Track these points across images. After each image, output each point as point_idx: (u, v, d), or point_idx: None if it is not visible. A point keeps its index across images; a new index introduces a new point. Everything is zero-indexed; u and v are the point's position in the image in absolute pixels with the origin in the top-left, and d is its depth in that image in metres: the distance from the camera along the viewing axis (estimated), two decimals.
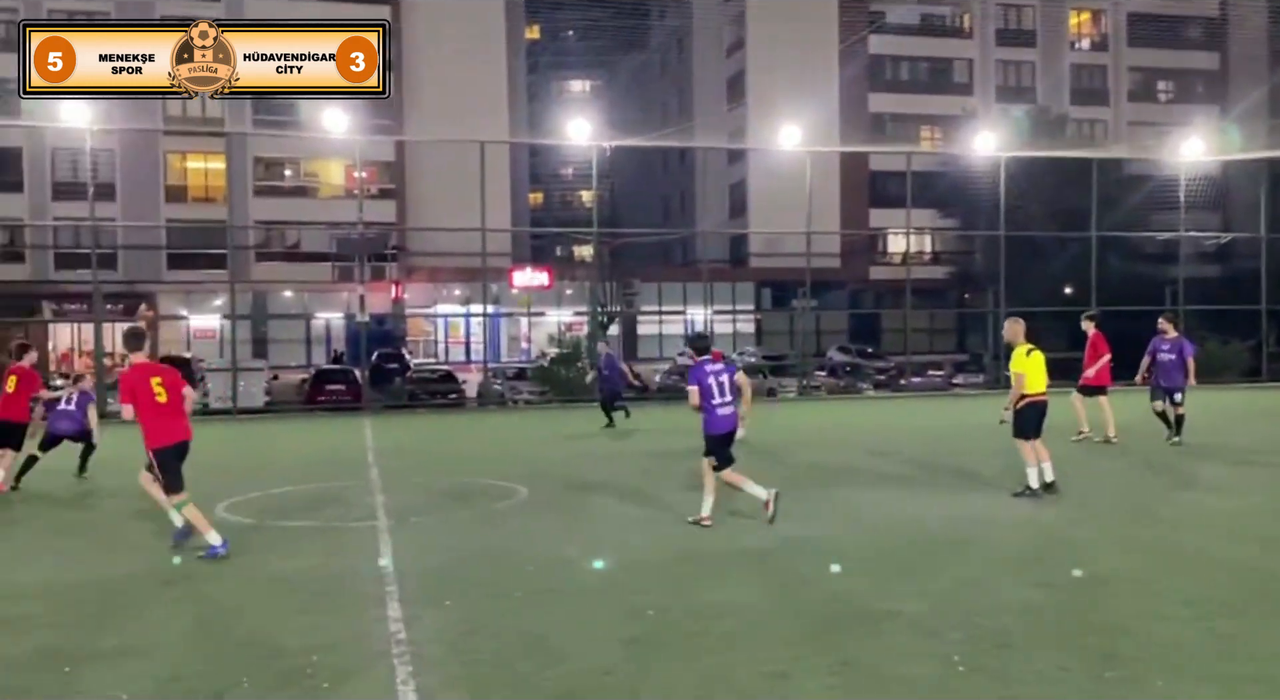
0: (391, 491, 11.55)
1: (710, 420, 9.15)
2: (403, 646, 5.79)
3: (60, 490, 12.14)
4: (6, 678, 5.34)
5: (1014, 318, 10.86)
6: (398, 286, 41.88)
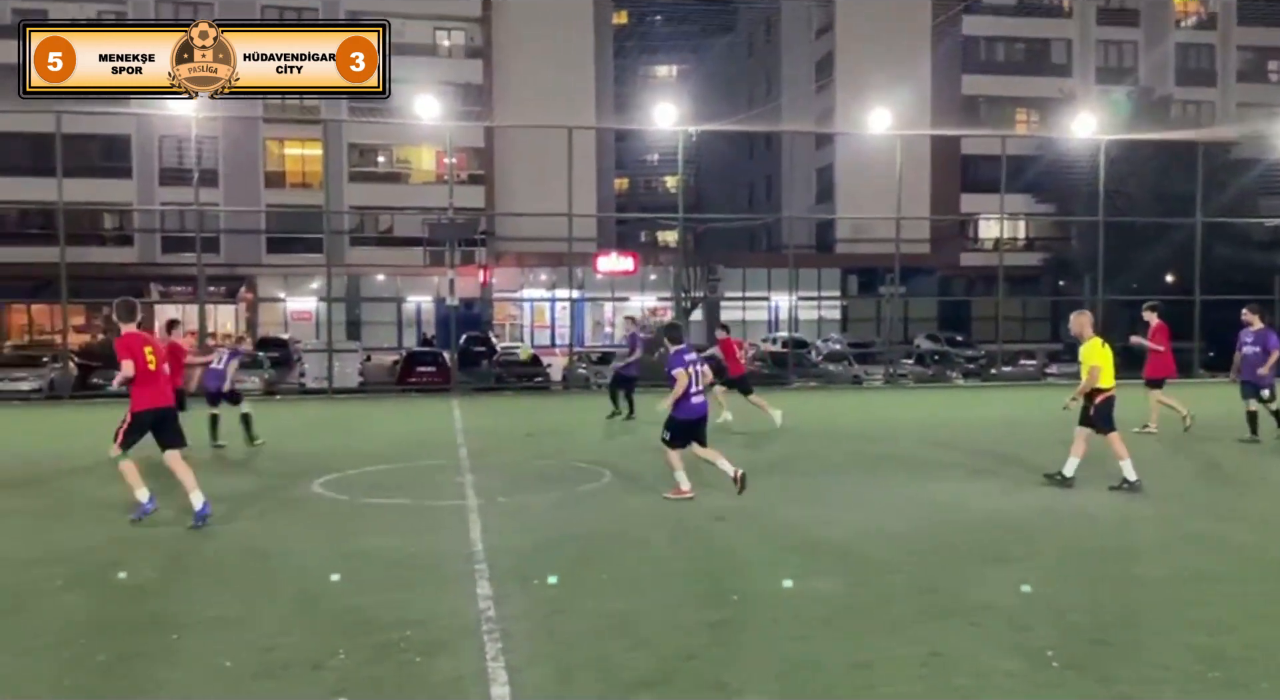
0: (479, 472, 11.77)
1: (685, 405, 9.74)
2: (492, 623, 5.91)
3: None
4: (121, 641, 5.61)
5: (1081, 310, 10.65)
6: (485, 271, 42.48)
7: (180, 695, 4.85)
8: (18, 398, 23.96)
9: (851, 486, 10.70)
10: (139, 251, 42.01)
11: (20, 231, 40.72)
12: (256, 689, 4.93)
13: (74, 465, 12.53)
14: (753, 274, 46.34)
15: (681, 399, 9.70)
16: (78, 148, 32.58)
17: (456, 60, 45.66)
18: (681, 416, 9.78)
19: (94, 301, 37.77)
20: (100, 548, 7.98)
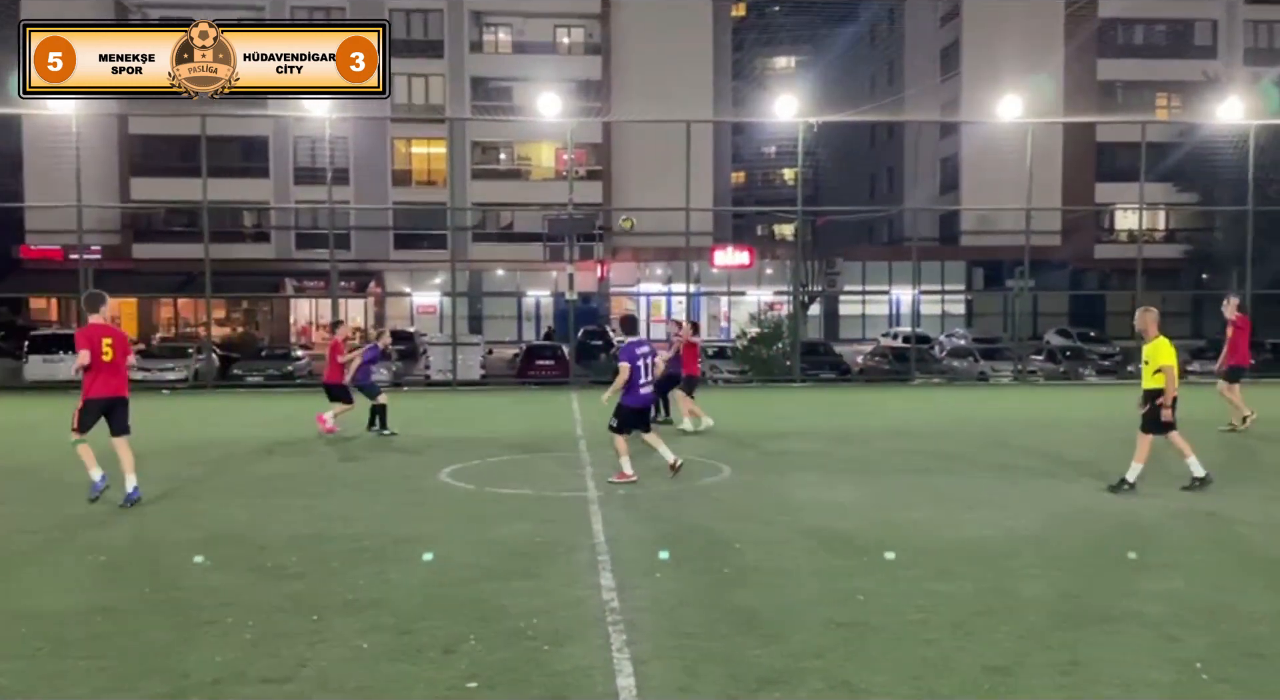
0: (600, 464, 11.86)
1: (633, 395, 10.25)
2: (616, 615, 5.95)
3: (322, 448, 13.23)
4: (266, 620, 5.87)
5: (1147, 306, 10.13)
6: (603, 266, 42.88)
7: (319, 674, 5.03)
8: (165, 386, 25.34)
9: (979, 487, 10.38)
10: (275, 248, 43.93)
11: (167, 229, 43.14)
12: (392, 671, 5.08)
13: (216, 451, 13.19)
14: (873, 267, 45.50)
15: (630, 389, 10.17)
16: (220, 149, 34.28)
17: (576, 57, 46.21)
18: (630, 404, 10.30)
19: (235, 296, 39.73)
20: (243, 531, 8.38)
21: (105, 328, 9.52)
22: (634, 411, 10.40)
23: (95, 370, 9.24)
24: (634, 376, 10.17)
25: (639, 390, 10.28)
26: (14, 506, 9.53)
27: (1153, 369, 9.61)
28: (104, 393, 9.35)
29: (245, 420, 17.40)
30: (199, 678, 4.96)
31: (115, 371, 9.38)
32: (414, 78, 44.37)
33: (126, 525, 8.62)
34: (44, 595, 6.45)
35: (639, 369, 10.18)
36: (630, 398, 10.29)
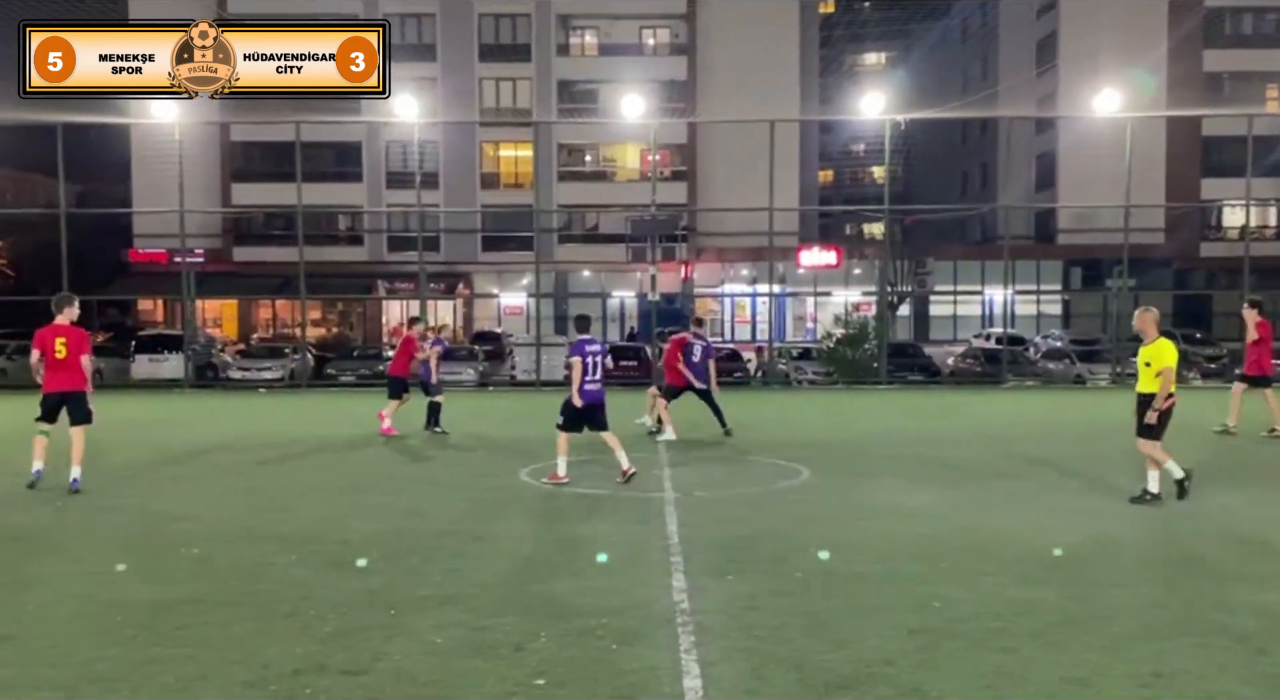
0: (677, 465, 11.89)
1: (580, 393, 10.30)
2: (686, 616, 5.95)
3: (407, 446, 13.55)
4: (345, 615, 6.03)
5: (1146, 306, 9.69)
6: (687, 266, 42.85)
7: (395, 668, 5.15)
8: (262, 385, 26.22)
9: (1067, 493, 10.07)
10: (368, 250, 45.05)
11: (265, 233, 44.61)
12: (463, 666, 5.17)
13: (305, 447, 13.59)
14: (964, 267, 44.50)
15: (580, 385, 10.28)
16: (314, 155, 35.34)
17: (661, 58, 46.30)
18: (580, 402, 10.35)
19: (329, 297, 40.89)
20: (326, 527, 8.62)
21: (62, 328, 10.22)
22: (583, 408, 10.38)
23: (49, 367, 10.10)
24: (582, 374, 10.26)
25: (586, 387, 10.34)
26: (111, 499, 9.96)
27: (1154, 371, 9.19)
28: (56, 387, 10.15)
29: (336, 418, 17.88)
30: (279, 669, 5.13)
31: (68, 368, 10.12)
32: (501, 82, 45.05)
33: (217, 519, 8.94)
34: (138, 586, 6.74)
35: (588, 365, 10.28)
36: (580, 393, 10.36)
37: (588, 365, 10.29)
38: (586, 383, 10.35)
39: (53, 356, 10.09)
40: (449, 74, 43.82)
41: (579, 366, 10.27)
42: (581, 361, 10.26)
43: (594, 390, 10.42)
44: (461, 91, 43.15)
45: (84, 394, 10.32)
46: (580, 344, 10.46)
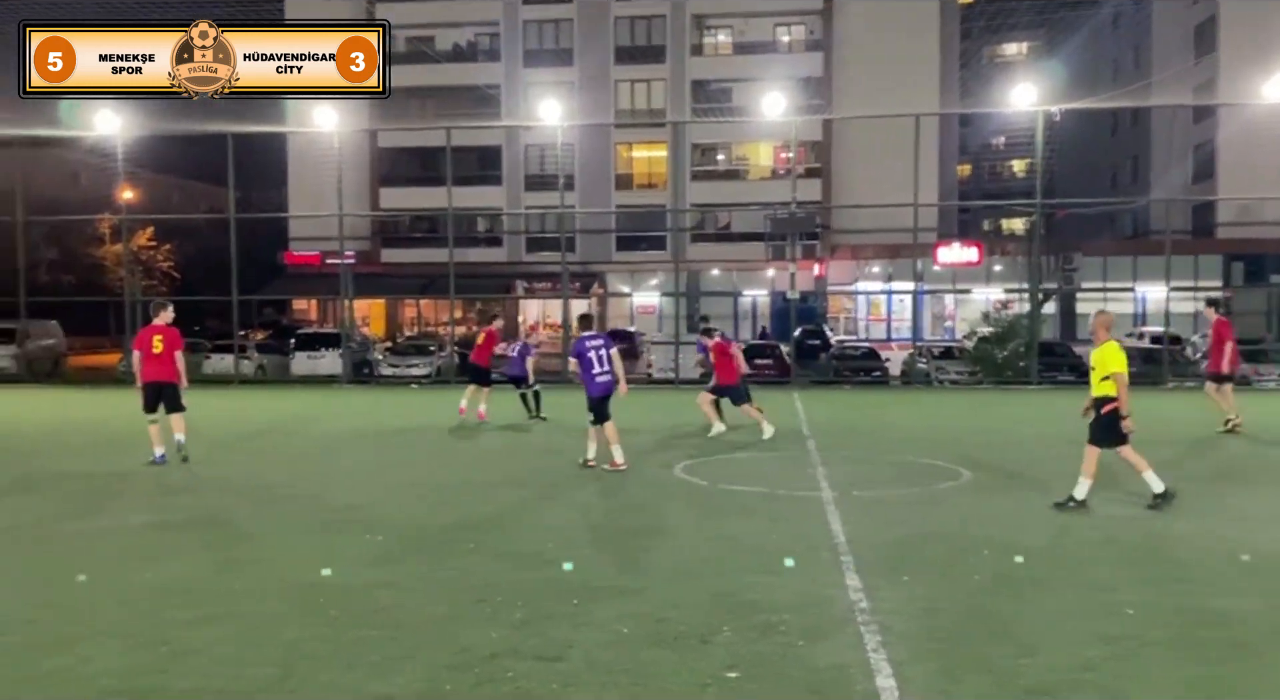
0: (830, 464, 11.79)
1: (589, 385, 10.96)
2: (866, 616, 5.92)
3: (556, 442, 13.87)
4: (532, 603, 6.23)
5: (1102, 310, 9.33)
6: (821, 264, 42.34)
7: (586, 656, 5.30)
8: (413, 381, 27.19)
9: (1254, 498, 9.55)
10: (507, 251, 46.16)
11: (410, 235, 46.23)
12: (653, 656, 5.28)
13: (464, 441, 14.05)
14: (1115, 262, 42.51)
15: (587, 380, 10.94)
16: (458, 159, 36.36)
17: (797, 54, 45.87)
18: (592, 394, 10.98)
19: (472, 297, 42.03)
20: (496, 518, 8.91)
21: (159, 328, 11.61)
22: (596, 399, 11.01)
23: (146, 360, 11.48)
24: (585, 366, 10.91)
25: (595, 379, 10.97)
26: (288, 489, 10.52)
27: (1099, 375, 8.87)
28: (152, 378, 11.47)
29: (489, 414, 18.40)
30: (477, 652, 5.34)
31: (163, 361, 11.49)
32: (636, 83, 45.47)
33: (390, 509, 9.34)
34: (332, 570, 7.10)
35: (589, 360, 10.91)
36: (590, 388, 10.99)
37: (589, 360, 10.93)
38: (596, 375, 10.99)
39: (150, 352, 11.45)
40: (585, 77, 44.51)
41: (573, 364, 11.12)
42: (581, 359, 10.95)
43: (605, 382, 11.05)
44: (597, 94, 43.77)
45: (176, 385, 11.63)
46: (580, 342, 11.15)
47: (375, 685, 4.88)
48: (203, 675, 4.99)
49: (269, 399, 22.27)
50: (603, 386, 11.04)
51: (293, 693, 4.79)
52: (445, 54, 46.35)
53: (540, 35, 46.13)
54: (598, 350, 11.05)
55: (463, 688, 4.86)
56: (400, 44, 46.68)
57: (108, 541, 8.03)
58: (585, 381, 11.04)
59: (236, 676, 4.97)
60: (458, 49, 46.92)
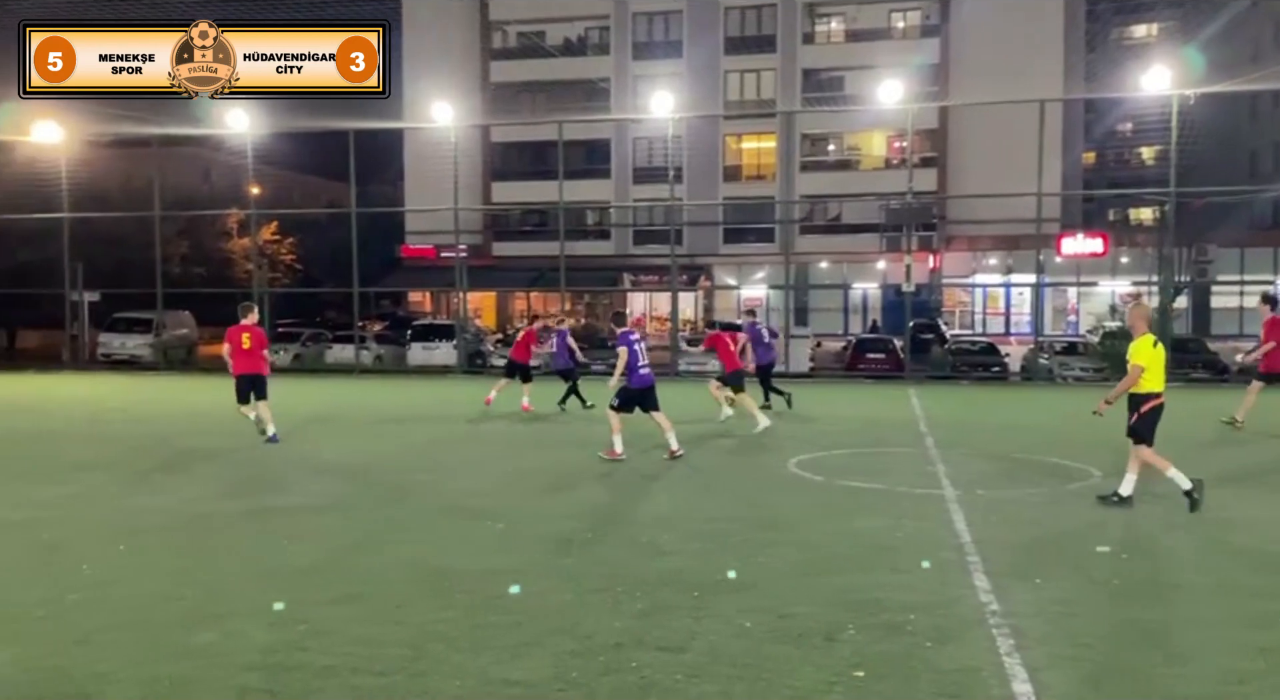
0: (950, 462, 11.50)
1: (634, 377, 11.31)
2: (997, 618, 5.74)
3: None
4: (652, 594, 6.24)
5: (1138, 302, 8.94)
6: (936, 256, 41.33)
7: (710, 648, 5.27)
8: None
9: None
10: (614, 244, 46.44)
11: (520, 229, 46.94)
12: (777, 652, 5.22)
13: (575, 431, 14.17)
14: (1254, 254, 40.32)
15: (631, 371, 11.23)
16: (568, 153, 36.79)
17: (911, 41, 44.79)
18: (633, 386, 11.33)
19: (581, 289, 42.52)
20: (614, 510, 8.97)
21: (247, 326, 12.69)
22: (636, 392, 11.37)
23: (237, 355, 12.55)
24: (632, 359, 11.22)
25: (639, 372, 11.31)
26: (411, 475, 10.79)
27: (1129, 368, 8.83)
28: (245, 370, 12.60)
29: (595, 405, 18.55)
30: (602, 641, 5.37)
31: (253, 356, 12.59)
32: (746, 74, 45.11)
33: (509, 498, 9.49)
34: (457, 555, 7.26)
35: (636, 352, 11.25)
36: (632, 379, 11.33)
37: (636, 352, 11.25)
38: (640, 368, 11.34)
39: (240, 347, 12.57)
40: (694, 69, 44.37)
41: (624, 355, 11.25)
42: (629, 350, 11.24)
43: (646, 374, 11.47)
44: (706, 85, 43.59)
45: (264, 377, 12.82)
46: (624, 335, 11.54)
47: (503, 670, 4.95)
48: (339, 654, 5.15)
49: (385, 388, 22.94)
50: (646, 378, 11.44)
51: (424, 674, 4.90)
52: (556, 48, 46.84)
53: (650, 28, 46.17)
54: (639, 344, 11.42)
55: (588, 676, 4.89)
56: (512, 39, 47.42)
57: (247, 523, 8.38)
58: (629, 373, 11.33)
59: (371, 656, 5.12)
60: (568, 43, 47.35)
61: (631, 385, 11.42)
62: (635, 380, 11.41)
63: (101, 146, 30.74)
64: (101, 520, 8.50)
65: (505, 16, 46.78)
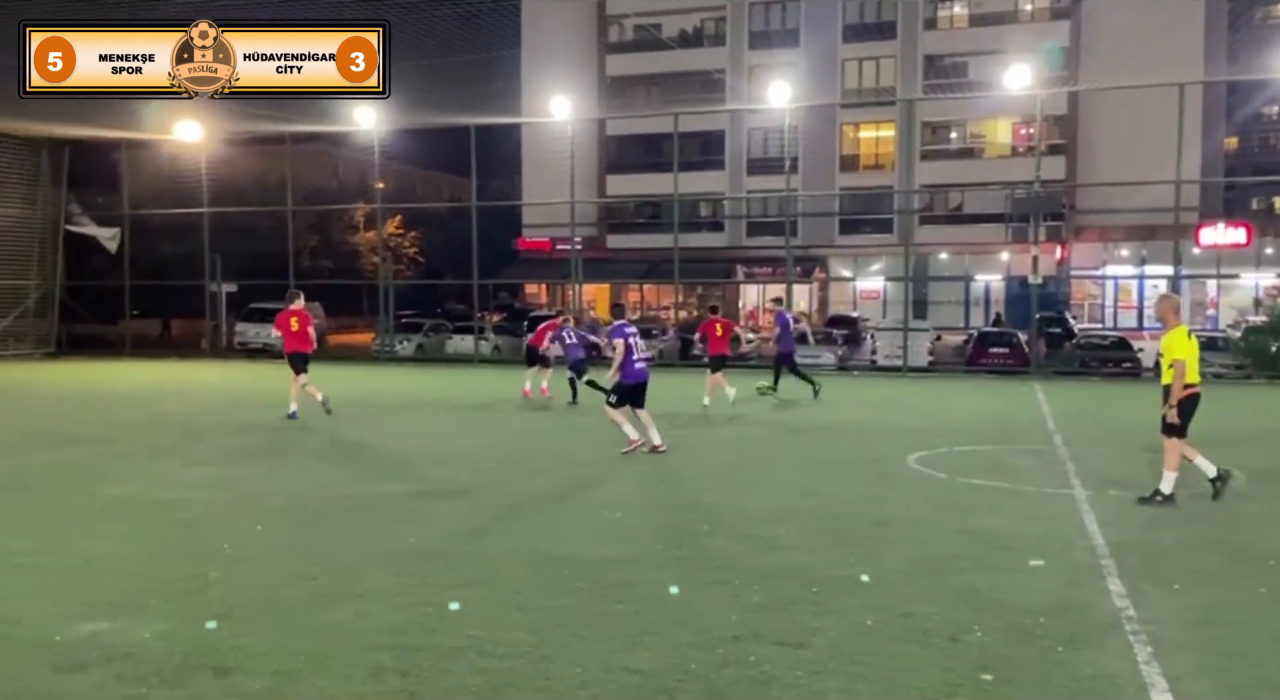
0: (1081, 460, 11.09)
1: (628, 371, 11.07)
2: (1134, 624, 5.49)
3: (784, 426, 13.78)
4: (772, 587, 6.19)
5: (1166, 294, 9.24)
6: (1064, 247, 39.77)
7: (831, 645, 5.19)
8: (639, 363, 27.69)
9: None
10: (728, 236, 46.21)
11: (633, 221, 47.14)
12: (900, 651, 5.11)
13: (688, 423, 14.19)
14: None
15: (627, 365, 11.00)
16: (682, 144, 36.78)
17: (1040, 24, 43.13)
18: (627, 380, 11.09)
19: (694, 281, 42.47)
20: (720, 501, 8.93)
21: (294, 311, 14.15)
22: (631, 385, 11.13)
23: (289, 336, 14.12)
24: (628, 353, 10.98)
25: (633, 365, 11.08)
26: (535, 462, 10.97)
27: (1167, 362, 8.65)
28: (294, 349, 14.15)
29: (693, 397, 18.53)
30: (719, 633, 5.35)
31: (300, 336, 14.15)
32: (864, 62, 44.23)
33: (625, 487, 9.57)
34: (574, 544, 7.34)
35: (631, 346, 11.03)
36: (626, 373, 11.08)
37: (631, 346, 11.06)
38: (634, 361, 11.10)
39: (289, 330, 14.09)
40: (811, 58, 43.73)
41: (621, 348, 11.02)
42: (624, 343, 11.04)
43: (640, 369, 11.22)
44: (823, 74, 42.90)
45: (308, 354, 14.32)
46: (619, 327, 11.26)
47: (622, 658, 4.98)
48: (465, 636, 5.27)
49: (500, 377, 23.39)
50: (640, 373, 11.22)
51: (546, 659, 4.97)
52: (672, 40, 46.82)
53: (767, 17, 45.71)
54: (634, 338, 11.21)
55: (707, 668, 4.88)
56: (629, 32, 47.59)
57: (374, 506, 8.67)
58: (624, 367, 11.14)
59: (494, 640, 5.22)
60: (684, 35, 47.27)
61: (625, 380, 11.16)
62: (629, 375, 11.15)
63: (238, 144, 32.22)
64: (241, 501, 8.92)
65: (622, 10, 47.00)
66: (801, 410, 15.82)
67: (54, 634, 5.26)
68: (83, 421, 14.65)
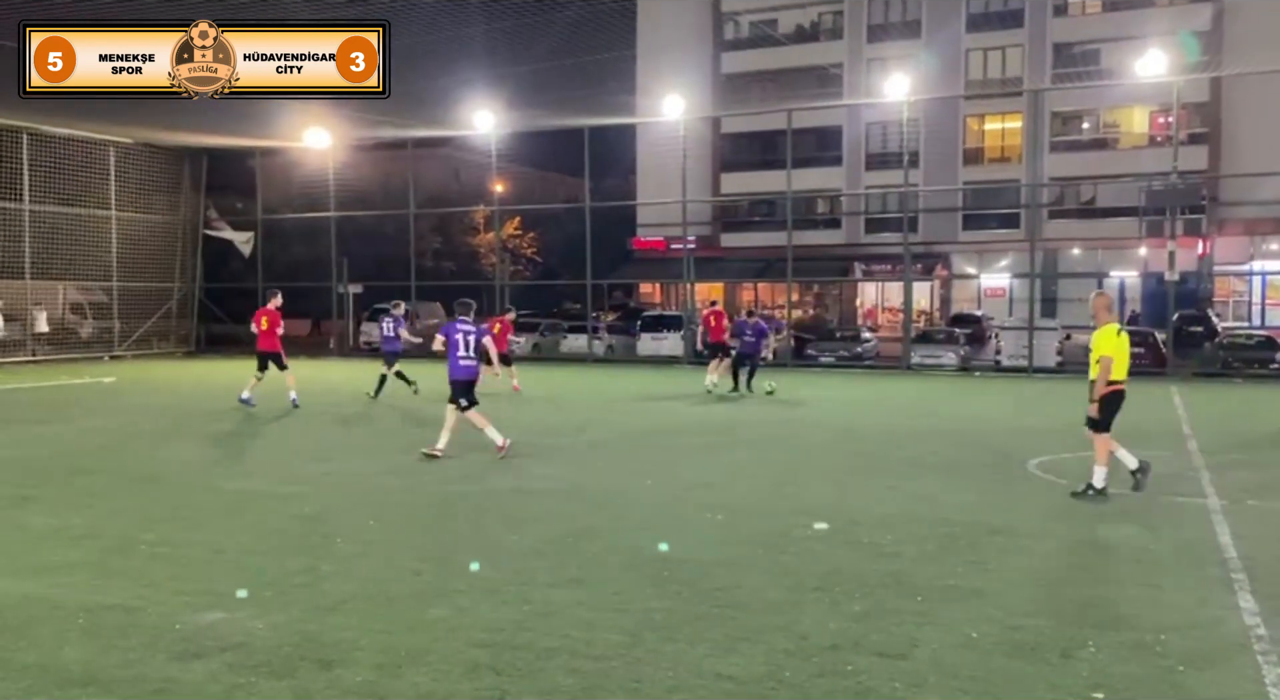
0: (1217, 468, 10.47)
1: (452, 368, 11.02)
2: (1264, 644, 5.14)
3: (903, 429, 13.47)
4: (871, 595, 6.03)
5: (1100, 291, 9.28)
6: (1205, 242, 37.66)
7: (933, 657, 5.02)
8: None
9: None
10: (845, 233, 45.42)
11: (748, 219, 46.82)
12: (1007, 666, 4.90)
13: (803, 426, 13.99)
14: None
15: (451, 362, 10.94)
16: (797, 141, 36.34)
17: (1179, 8, 40.93)
18: (451, 377, 11.02)
19: (810, 280, 41.97)
20: (833, 506, 8.75)
21: (266, 310, 15.27)
22: (459, 383, 11.00)
23: (261, 333, 15.29)
24: (451, 348, 10.93)
25: (458, 363, 10.96)
26: (641, 463, 10.98)
27: (1094, 358, 8.79)
28: (265, 348, 15.26)
29: (823, 397, 18.23)
30: (817, 641, 5.24)
31: (268, 336, 15.23)
32: (990, 51, 42.82)
33: (733, 489, 9.49)
34: (677, 545, 7.28)
35: (455, 342, 10.94)
36: (452, 371, 11.01)
37: (455, 342, 10.96)
38: (460, 359, 10.96)
39: (259, 329, 15.19)
40: (933, 48, 42.58)
41: (441, 344, 11.02)
42: (448, 340, 10.97)
43: (468, 367, 11.06)
44: (946, 65, 41.71)
45: (280, 353, 15.37)
46: (450, 326, 11.14)
47: (717, 663, 4.93)
48: (561, 635, 5.31)
49: (611, 377, 23.56)
50: (465, 370, 11.07)
51: (640, 661, 4.96)
52: (788, 36, 46.29)
53: (886, 9, 44.73)
54: (466, 335, 11.07)
55: (802, 676, 4.78)
56: (744, 29, 47.27)
57: (482, 504, 8.83)
58: (449, 364, 11.04)
59: (590, 640, 5.24)
60: (800, 30, 46.68)
61: (451, 376, 11.04)
62: (454, 371, 11.00)
63: (364, 150, 33.39)
64: (355, 497, 9.21)
65: (737, 7, 46.75)
66: (918, 413, 15.41)
67: (174, 622, 5.53)
68: (213, 418, 15.39)
